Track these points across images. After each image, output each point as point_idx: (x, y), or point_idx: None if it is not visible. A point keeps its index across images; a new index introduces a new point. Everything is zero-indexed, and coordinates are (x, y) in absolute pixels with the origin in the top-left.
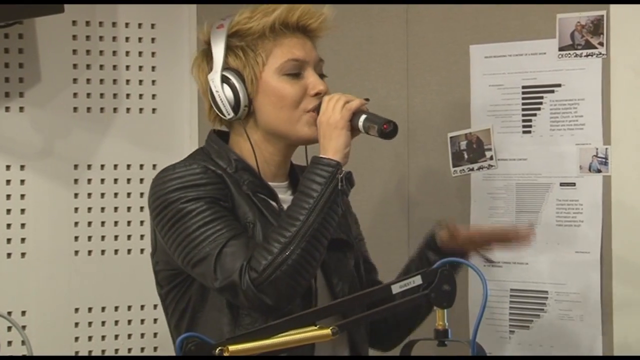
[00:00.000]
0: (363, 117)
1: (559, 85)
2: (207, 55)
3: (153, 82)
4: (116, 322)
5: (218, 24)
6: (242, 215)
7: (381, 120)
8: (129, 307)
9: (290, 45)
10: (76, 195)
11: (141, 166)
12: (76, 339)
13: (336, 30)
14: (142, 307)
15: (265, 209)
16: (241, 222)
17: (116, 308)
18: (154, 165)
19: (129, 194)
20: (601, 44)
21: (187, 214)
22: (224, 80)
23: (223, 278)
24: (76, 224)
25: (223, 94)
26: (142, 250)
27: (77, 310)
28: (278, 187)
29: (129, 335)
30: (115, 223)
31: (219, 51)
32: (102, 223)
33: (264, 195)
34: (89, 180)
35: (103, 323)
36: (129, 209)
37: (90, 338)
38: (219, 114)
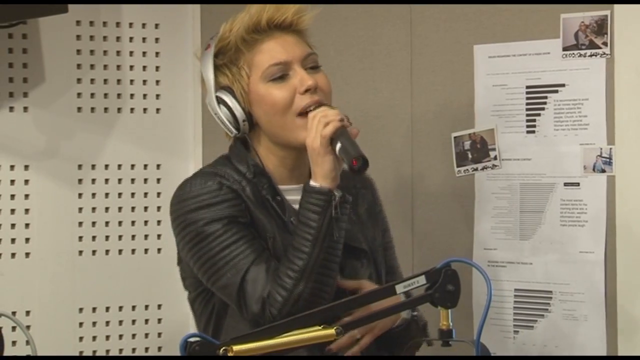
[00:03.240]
0: (338, 146)
1: (562, 85)
2: (203, 79)
3: (157, 82)
4: (120, 322)
5: (206, 45)
6: (261, 229)
7: (351, 154)
8: (133, 307)
9: (269, 49)
10: (80, 195)
11: (145, 166)
12: (80, 338)
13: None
14: (147, 307)
15: (283, 213)
16: (261, 235)
17: (120, 308)
18: (158, 165)
19: (133, 194)
20: (605, 43)
21: (206, 237)
22: (219, 101)
23: (247, 312)
24: (80, 223)
25: (221, 114)
26: (146, 250)
27: (81, 310)
28: (292, 189)
29: (133, 335)
30: (119, 223)
31: (209, 73)
32: (106, 223)
33: (282, 199)
34: (93, 180)
35: (107, 323)
36: (133, 208)
37: (94, 338)
38: (226, 132)
